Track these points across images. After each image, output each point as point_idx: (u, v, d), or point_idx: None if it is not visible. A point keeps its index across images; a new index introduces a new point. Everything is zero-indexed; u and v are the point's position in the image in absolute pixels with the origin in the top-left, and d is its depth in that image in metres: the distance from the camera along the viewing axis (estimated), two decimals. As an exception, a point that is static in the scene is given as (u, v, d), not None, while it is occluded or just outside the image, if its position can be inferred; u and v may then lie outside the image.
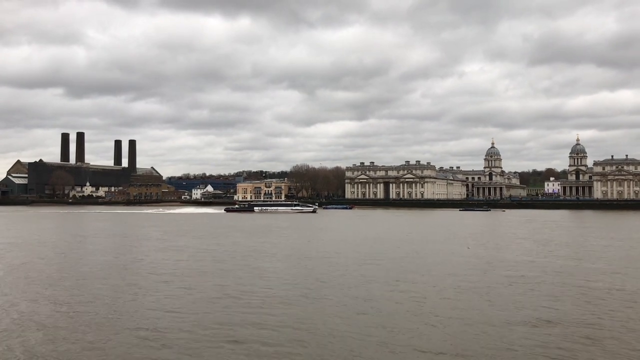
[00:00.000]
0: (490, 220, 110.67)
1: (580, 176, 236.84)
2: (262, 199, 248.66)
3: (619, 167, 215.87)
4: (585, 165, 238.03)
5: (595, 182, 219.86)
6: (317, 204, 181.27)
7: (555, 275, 34.69)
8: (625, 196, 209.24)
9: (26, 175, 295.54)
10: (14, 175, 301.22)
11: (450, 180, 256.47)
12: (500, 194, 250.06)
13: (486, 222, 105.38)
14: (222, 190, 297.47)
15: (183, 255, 46.69)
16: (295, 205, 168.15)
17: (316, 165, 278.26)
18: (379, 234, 71.61)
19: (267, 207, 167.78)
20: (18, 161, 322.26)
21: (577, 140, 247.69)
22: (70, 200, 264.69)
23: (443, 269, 37.53)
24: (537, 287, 30.45)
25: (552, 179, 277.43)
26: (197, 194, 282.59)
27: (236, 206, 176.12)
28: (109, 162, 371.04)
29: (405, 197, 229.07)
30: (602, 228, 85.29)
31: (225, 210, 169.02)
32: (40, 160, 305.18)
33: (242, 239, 63.94)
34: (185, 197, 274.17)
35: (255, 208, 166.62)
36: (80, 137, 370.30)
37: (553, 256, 45.51)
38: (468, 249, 51.04)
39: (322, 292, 29.04)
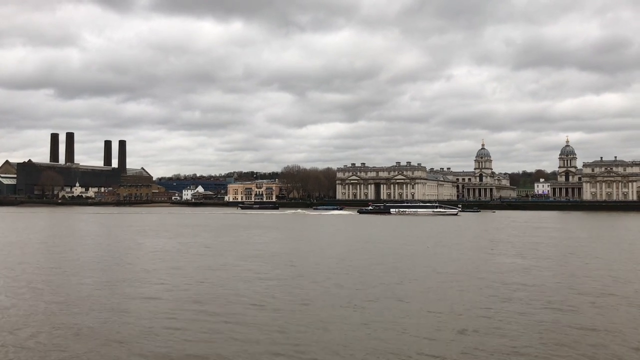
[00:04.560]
0: (471, 222, 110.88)
1: (570, 177, 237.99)
2: (252, 200, 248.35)
3: (608, 168, 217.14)
4: (575, 167, 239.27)
5: (584, 184, 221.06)
6: (459, 206, 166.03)
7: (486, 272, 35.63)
8: (614, 197, 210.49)
9: (15, 176, 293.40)
10: (2, 175, 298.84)
11: (441, 181, 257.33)
12: (491, 195, 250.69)
13: (463, 223, 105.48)
14: (212, 191, 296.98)
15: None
16: (436, 207, 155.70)
17: (307, 166, 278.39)
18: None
19: (405, 209, 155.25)
20: (7, 161, 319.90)
21: (567, 142, 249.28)
22: (59, 201, 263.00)
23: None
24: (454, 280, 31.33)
25: (542, 180, 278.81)
26: (187, 194, 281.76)
27: (370, 207, 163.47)
28: (100, 163, 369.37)
29: (396, 198, 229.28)
30: (571, 229, 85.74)
31: (358, 211, 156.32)
32: (30, 160, 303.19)
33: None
34: (176, 198, 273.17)
35: (391, 210, 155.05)
36: (70, 137, 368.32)
37: (494, 254, 47.20)
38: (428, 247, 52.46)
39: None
